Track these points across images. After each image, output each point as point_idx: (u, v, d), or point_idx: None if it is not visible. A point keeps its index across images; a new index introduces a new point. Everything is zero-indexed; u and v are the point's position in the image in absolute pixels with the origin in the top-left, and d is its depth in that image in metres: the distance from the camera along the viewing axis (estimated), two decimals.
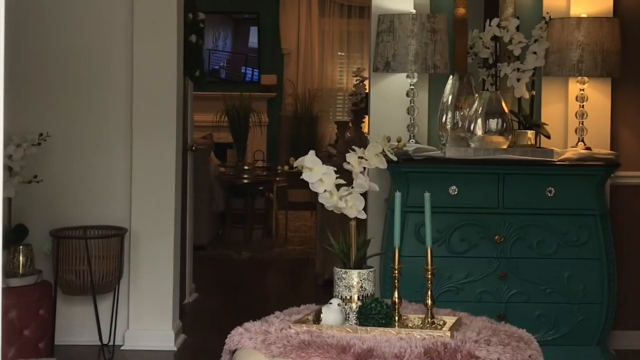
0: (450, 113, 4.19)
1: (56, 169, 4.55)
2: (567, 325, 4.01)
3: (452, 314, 2.91)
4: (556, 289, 4.00)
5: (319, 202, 2.79)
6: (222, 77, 10.75)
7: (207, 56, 10.66)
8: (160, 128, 4.54)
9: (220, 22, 10.78)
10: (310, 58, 10.73)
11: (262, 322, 2.74)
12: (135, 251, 4.54)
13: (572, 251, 4.01)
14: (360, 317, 2.66)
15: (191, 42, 5.14)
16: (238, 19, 10.80)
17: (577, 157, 4.10)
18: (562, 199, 4.01)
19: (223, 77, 10.78)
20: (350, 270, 2.73)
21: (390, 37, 4.14)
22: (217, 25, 10.76)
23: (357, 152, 2.80)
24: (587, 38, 4.17)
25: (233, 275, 6.77)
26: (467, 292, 4.00)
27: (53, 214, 4.51)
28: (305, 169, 2.73)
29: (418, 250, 3.87)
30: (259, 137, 9.69)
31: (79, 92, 4.58)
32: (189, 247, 5.71)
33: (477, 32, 4.41)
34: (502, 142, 4.06)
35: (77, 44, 4.58)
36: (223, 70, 10.86)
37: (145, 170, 4.53)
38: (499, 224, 4.00)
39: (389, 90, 4.39)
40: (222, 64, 10.84)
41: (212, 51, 10.77)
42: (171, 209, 4.56)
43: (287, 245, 7.87)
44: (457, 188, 4.00)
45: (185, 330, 4.82)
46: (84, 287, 4.28)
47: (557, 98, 4.50)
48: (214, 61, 10.87)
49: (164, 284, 4.55)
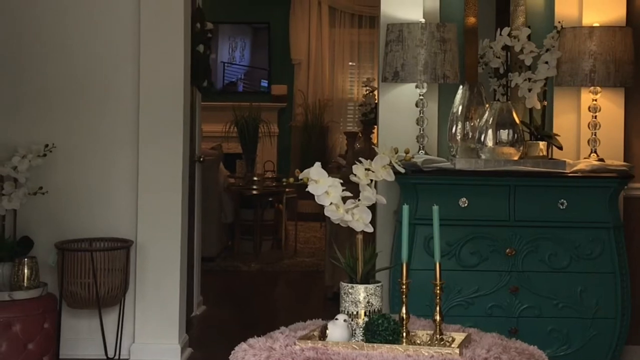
0: (460, 124, 4.13)
1: (62, 180, 4.51)
2: (580, 341, 3.94)
3: (461, 330, 2.85)
4: (569, 304, 3.94)
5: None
6: (240, 91, 10.69)
7: (221, 69, 10.62)
8: (167, 139, 4.50)
9: (239, 32, 10.72)
10: (321, 68, 10.70)
11: (266, 338, 2.69)
12: (142, 263, 4.49)
13: (585, 265, 3.94)
14: (367, 334, 2.60)
15: (199, 52, 5.10)
16: (257, 28, 10.75)
17: (590, 168, 4.03)
18: (575, 211, 3.95)
19: (240, 90, 10.72)
20: (357, 285, 2.67)
21: (399, 46, 4.09)
22: (235, 35, 10.70)
23: (364, 164, 2.75)
24: (599, 47, 4.10)
25: (242, 287, 6.71)
26: (477, 307, 3.93)
27: (58, 225, 4.48)
28: (311, 181, 2.68)
29: (428, 263, 3.80)
30: (269, 147, 9.66)
31: (84, 103, 4.55)
32: (196, 259, 5.66)
33: (488, 42, 4.36)
34: (513, 154, 4.00)
35: (83, 54, 4.55)
36: (241, 83, 10.80)
37: (152, 182, 4.49)
38: (510, 236, 3.94)
39: (398, 101, 4.34)
40: (240, 76, 10.78)
41: (227, 64, 10.71)
42: (178, 220, 4.51)
43: (297, 257, 7.81)
44: (467, 200, 3.94)
45: (192, 343, 4.77)
46: (90, 300, 4.24)
47: (569, 108, 4.43)
48: (230, 74, 10.79)
49: (171, 297, 4.50)
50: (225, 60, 10.68)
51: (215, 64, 10.49)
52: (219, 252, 7.60)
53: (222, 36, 10.63)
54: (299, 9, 10.70)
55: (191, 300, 5.45)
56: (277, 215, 8.17)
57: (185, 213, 4.64)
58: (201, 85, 5.27)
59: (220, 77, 10.70)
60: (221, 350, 4.67)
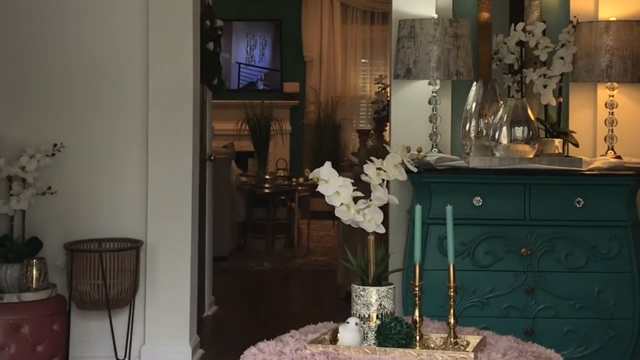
0: (474, 121, 4.06)
1: (71, 180, 4.47)
2: (598, 342, 3.87)
3: (475, 333, 2.79)
4: (586, 304, 3.86)
5: None
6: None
7: (236, 70, 10.56)
8: (177, 137, 4.46)
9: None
10: (333, 65, 10.65)
11: (276, 341, 2.65)
12: (152, 264, 4.45)
13: (602, 264, 3.86)
14: (379, 337, 2.55)
15: (208, 49, 5.05)
16: (270, 25, 10.69)
17: (607, 166, 3.95)
18: (592, 210, 3.87)
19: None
20: (369, 288, 2.62)
21: (411, 42, 4.03)
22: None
23: (375, 163, 2.68)
24: (616, 42, 4.03)
25: (254, 287, 6.67)
26: (492, 307, 3.87)
27: (67, 226, 4.44)
28: (321, 181, 2.62)
29: (441, 263, 3.73)
30: (281, 145, 9.62)
31: (93, 102, 4.51)
32: (208, 258, 5.62)
33: (502, 37, 4.28)
34: (529, 151, 3.93)
35: (91, 53, 4.51)
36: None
37: (162, 181, 4.45)
38: (525, 236, 3.87)
39: (410, 98, 4.28)
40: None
41: (243, 65, 10.65)
42: (188, 220, 4.47)
43: (310, 255, 7.76)
44: (481, 199, 3.88)
45: (203, 345, 4.72)
46: (99, 302, 4.20)
47: (585, 105, 4.36)
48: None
49: (181, 298, 4.45)
50: (242, 60, 10.60)
51: (230, 64, 10.44)
52: (231, 251, 7.56)
53: (240, 34, 10.58)
54: (311, 5, 10.65)
55: (202, 301, 5.41)
56: (289, 214, 8.12)
57: (195, 212, 4.59)
58: (211, 83, 5.22)
59: (235, 77, 10.63)
60: (233, 352, 4.63)
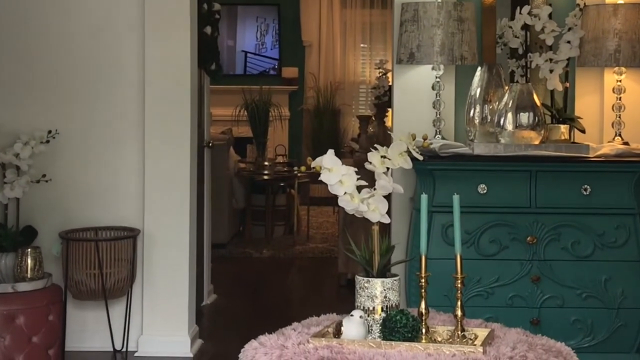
0: (479, 107, 3.99)
1: (66, 167, 4.40)
2: (605, 332, 3.81)
3: (483, 325, 2.72)
4: (593, 293, 3.80)
5: None
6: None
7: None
8: (173, 124, 4.38)
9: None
10: (332, 50, 10.54)
11: (278, 335, 2.57)
12: (149, 253, 4.38)
13: (609, 253, 3.80)
14: (385, 331, 2.47)
15: (206, 34, 4.95)
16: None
17: (615, 152, 3.87)
18: (599, 197, 3.81)
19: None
20: (373, 279, 2.54)
21: (414, 26, 3.93)
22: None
23: (379, 151, 2.59)
24: (624, 25, 3.94)
25: (254, 274, 6.58)
26: (497, 297, 3.80)
27: (63, 214, 4.37)
28: (324, 169, 2.53)
29: (445, 252, 3.68)
30: (280, 131, 9.52)
31: (88, 88, 4.43)
32: (206, 246, 5.54)
33: (506, 21, 4.19)
34: (534, 138, 3.85)
35: (86, 38, 4.42)
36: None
37: (159, 168, 4.37)
38: (531, 224, 3.80)
39: (413, 83, 4.20)
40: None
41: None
42: (186, 208, 4.39)
43: (309, 242, 7.68)
44: (486, 186, 3.81)
45: (202, 334, 4.65)
46: (96, 291, 4.13)
47: (592, 90, 4.28)
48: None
49: (179, 287, 4.38)
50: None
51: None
52: (229, 238, 7.48)
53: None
54: None
55: (201, 290, 5.33)
56: (288, 200, 8.04)
57: (194, 200, 4.50)
58: (209, 68, 5.12)
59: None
60: (233, 341, 4.57)
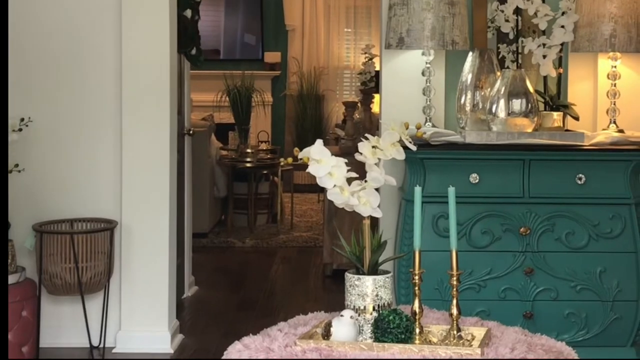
0: (470, 93, 3.86)
1: (39, 157, 4.23)
2: (600, 325, 3.72)
3: (479, 324, 2.59)
4: (587, 286, 3.70)
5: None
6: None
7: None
8: (152, 111, 4.21)
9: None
10: (316, 34, 10.38)
11: (263, 336, 2.43)
12: (127, 245, 4.23)
13: (604, 244, 3.70)
14: (377, 332, 2.34)
15: (186, 17, 4.78)
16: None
17: (610, 140, 3.75)
18: (594, 186, 3.70)
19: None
20: (364, 277, 2.41)
21: (404, 10, 3.78)
22: None
23: (370, 141, 2.45)
24: (620, 10, 3.81)
25: (236, 265, 6.43)
26: (490, 290, 3.70)
27: (36, 206, 4.20)
28: (312, 161, 2.38)
29: (436, 244, 3.58)
30: (262, 117, 9.37)
31: (62, 73, 4.26)
32: (187, 237, 5.38)
33: (497, 5, 4.05)
34: (527, 125, 3.72)
35: (60, 22, 4.25)
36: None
37: (137, 157, 4.21)
38: (524, 214, 3.69)
39: (402, 69, 4.07)
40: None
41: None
42: (165, 198, 4.23)
43: (293, 231, 7.54)
44: (478, 176, 3.69)
45: (182, 329, 4.50)
46: (71, 286, 3.97)
47: (585, 76, 4.17)
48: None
49: (159, 281, 4.23)
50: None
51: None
52: (211, 227, 7.32)
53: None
54: None
55: (182, 282, 5.18)
56: (271, 188, 7.89)
57: (173, 189, 4.35)
58: (189, 53, 4.95)
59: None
60: (215, 336, 4.43)
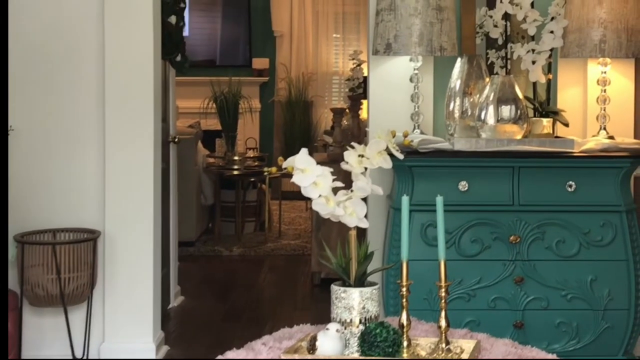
0: (459, 100, 3.83)
1: (20, 165, 4.16)
2: (591, 334, 3.67)
3: (468, 336, 2.54)
4: (578, 294, 3.66)
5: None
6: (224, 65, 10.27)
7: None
8: (136, 119, 4.15)
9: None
10: (304, 40, 10.33)
11: (247, 350, 2.38)
12: (111, 256, 4.15)
13: (595, 252, 3.66)
14: (363, 345, 2.28)
15: (170, 23, 4.72)
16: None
17: (600, 147, 3.71)
18: (584, 194, 3.66)
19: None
20: (350, 289, 2.35)
21: (391, 16, 3.73)
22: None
23: (357, 150, 2.39)
24: (610, 15, 3.77)
25: (223, 274, 6.36)
26: (479, 299, 3.65)
27: (17, 216, 4.12)
28: (297, 170, 2.32)
29: (425, 253, 3.53)
30: (250, 124, 9.31)
31: (44, 80, 4.19)
32: (173, 246, 5.31)
33: (486, 10, 4.00)
34: (517, 132, 3.68)
35: (41, 27, 4.18)
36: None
37: (121, 166, 4.14)
38: (514, 222, 3.65)
39: (390, 75, 4.02)
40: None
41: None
42: (149, 207, 4.16)
43: (281, 239, 7.47)
44: (467, 183, 3.64)
45: (168, 340, 4.43)
46: (54, 298, 3.90)
47: (575, 82, 4.14)
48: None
49: (144, 291, 4.16)
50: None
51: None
52: (198, 235, 7.25)
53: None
54: None
55: (167, 292, 5.11)
56: (259, 196, 7.82)
57: (158, 199, 4.28)
58: (174, 59, 4.89)
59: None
60: (201, 347, 4.37)
